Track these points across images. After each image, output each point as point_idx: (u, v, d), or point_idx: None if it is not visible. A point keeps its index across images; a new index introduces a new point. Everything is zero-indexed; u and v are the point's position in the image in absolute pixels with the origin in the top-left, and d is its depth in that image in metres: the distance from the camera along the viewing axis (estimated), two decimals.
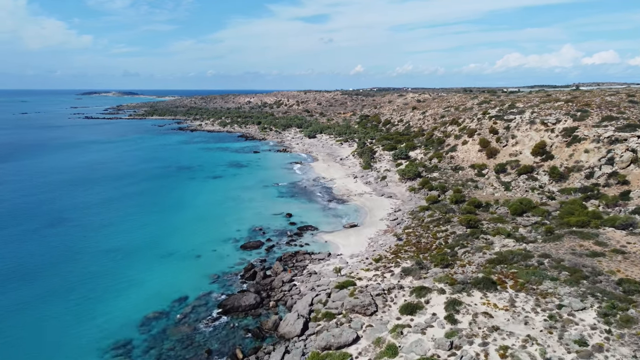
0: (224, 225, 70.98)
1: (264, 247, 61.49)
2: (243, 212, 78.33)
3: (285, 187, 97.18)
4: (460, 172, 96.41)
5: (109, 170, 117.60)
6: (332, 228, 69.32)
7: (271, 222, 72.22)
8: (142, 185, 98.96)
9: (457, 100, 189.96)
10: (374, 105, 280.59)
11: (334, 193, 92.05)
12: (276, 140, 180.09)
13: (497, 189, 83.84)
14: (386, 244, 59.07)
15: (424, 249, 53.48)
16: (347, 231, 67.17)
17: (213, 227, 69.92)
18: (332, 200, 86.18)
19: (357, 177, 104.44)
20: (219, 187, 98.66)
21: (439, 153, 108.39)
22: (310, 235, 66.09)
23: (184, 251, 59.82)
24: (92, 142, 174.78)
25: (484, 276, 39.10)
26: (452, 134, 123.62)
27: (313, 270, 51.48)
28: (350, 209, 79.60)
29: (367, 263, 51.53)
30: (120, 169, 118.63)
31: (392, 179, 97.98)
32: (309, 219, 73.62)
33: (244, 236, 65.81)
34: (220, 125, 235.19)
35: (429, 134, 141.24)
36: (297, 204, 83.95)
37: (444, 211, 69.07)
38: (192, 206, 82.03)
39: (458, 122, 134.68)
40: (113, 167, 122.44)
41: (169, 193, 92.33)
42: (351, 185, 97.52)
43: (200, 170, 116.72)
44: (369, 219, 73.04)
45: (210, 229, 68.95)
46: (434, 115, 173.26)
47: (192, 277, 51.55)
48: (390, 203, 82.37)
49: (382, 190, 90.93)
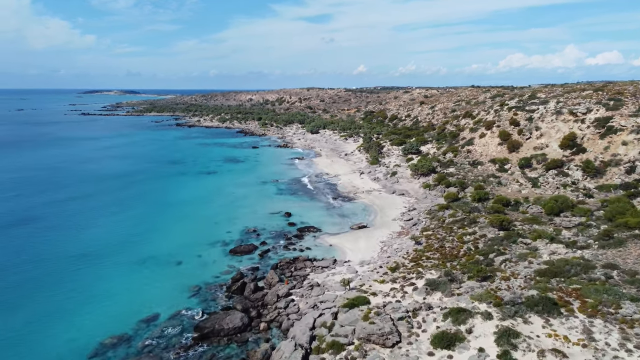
0: (213, 225, 61.69)
1: (257, 252, 52.06)
2: (236, 211, 69.01)
3: (284, 184, 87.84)
4: (479, 167, 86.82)
5: (92, 165, 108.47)
6: (338, 229, 59.89)
7: (267, 223, 62.88)
8: (125, 182, 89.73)
9: (468, 94, 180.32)
10: (379, 102, 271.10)
11: (339, 190, 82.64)
12: (277, 135, 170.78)
13: (523, 186, 74.26)
14: (402, 248, 49.59)
15: (450, 255, 43.96)
16: (355, 233, 57.72)
17: (200, 227, 60.63)
18: (337, 197, 76.77)
19: (363, 173, 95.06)
20: (211, 183, 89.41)
21: (454, 147, 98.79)
22: (312, 238, 56.67)
23: (163, 256, 50.51)
24: (81, 138, 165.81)
25: (540, 294, 29.59)
26: (467, 127, 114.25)
27: (315, 282, 42.04)
28: (357, 208, 70.16)
29: (382, 273, 42.08)
30: (104, 165, 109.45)
31: (403, 175, 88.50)
32: (310, 219, 64.24)
33: (234, 239, 56.43)
34: (219, 121, 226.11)
35: (441, 127, 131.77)
36: (298, 202, 74.60)
37: (467, 210, 59.56)
38: (178, 204, 72.76)
39: (472, 114, 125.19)
40: (96, 162, 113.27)
41: (155, 190, 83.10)
42: (358, 182, 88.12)
43: (193, 166, 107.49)
44: (379, 219, 63.59)
45: (196, 230, 59.67)
46: (443, 110, 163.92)
47: (168, 289, 42.22)
48: (402, 201, 72.91)
49: (393, 187, 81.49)
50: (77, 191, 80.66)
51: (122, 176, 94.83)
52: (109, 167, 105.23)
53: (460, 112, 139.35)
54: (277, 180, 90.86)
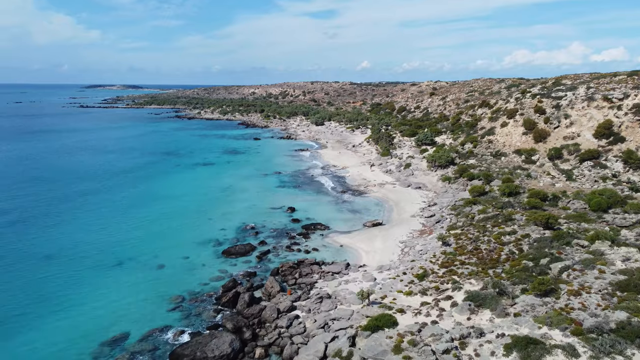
0: (206, 222, 53.89)
1: (254, 253, 44.15)
2: (233, 205, 61.17)
3: (288, 176, 79.89)
4: (502, 158, 78.53)
5: (79, 157, 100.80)
6: (349, 227, 51.92)
7: (268, 219, 55.00)
8: (110, 174, 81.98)
9: (481, 84, 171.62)
10: (385, 95, 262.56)
11: (348, 183, 74.65)
12: (280, 127, 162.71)
13: (556, 179, 66.05)
14: (428, 250, 41.60)
15: (489, 260, 35.92)
16: (369, 231, 49.74)
17: (191, 224, 52.84)
18: (346, 191, 68.80)
19: (374, 165, 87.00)
20: (206, 175, 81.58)
21: (473, 137, 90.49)
22: (320, 237, 48.74)
23: (144, 258, 42.73)
24: (72, 130, 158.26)
25: (633, 317, 21.55)
26: (484, 117, 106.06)
27: (325, 292, 34.12)
28: (369, 203, 62.18)
29: (407, 281, 34.12)
30: (93, 156, 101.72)
31: (418, 167, 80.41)
32: (317, 215, 56.31)
33: (229, 237, 48.57)
34: (220, 114, 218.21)
35: (455, 118, 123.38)
36: (303, 195, 66.69)
37: (499, 206, 51.42)
38: (168, 198, 64.99)
39: (489, 104, 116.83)
40: (85, 153, 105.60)
41: (145, 182, 75.34)
42: (368, 174, 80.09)
43: (189, 157, 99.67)
44: (396, 215, 55.61)
45: (186, 227, 51.88)
46: (456, 100, 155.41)
47: (144, 300, 34.43)
48: (420, 195, 64.86)
49: (408, 180, 73.42)
50: (52, 185, 72.99)
51: (106, 169, 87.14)
52: (92, 159, 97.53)
53: (474, 102, 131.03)
54: (280, 172, 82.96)
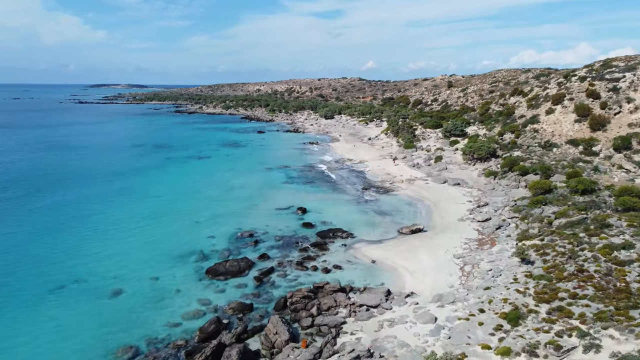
0: (192, 227, 41.29)
1: (252, 272, 31.37)
2: (228, 205, 48.54)
3: (296, 171, 67.18)
4: (554, 149, 65.32)
5: (49, 152, 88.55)
6: (380, 234, 39.02)
7: (272, 223, 42.29)
8: (86, 169, 69.66)
9: (505, 74, 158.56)
10: (397, 89, 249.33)
11: (369, 179, 61.83)
12: (286, 121, 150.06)
13: (632, 173, 52.88)
14: (500, 269, 28.68)
15: (615, 290, 22.95)
16: (408, 241, 36.83)
17: (171, 230, 40.27)
18: (368, 188, 55.94)
19: (397, 158, 74.10)
20: (200, 169, 69.11)
21: (513, 126, 77.27)
22: (342, 248, 35.91)
23: (97, 280, 30.18)
24: (59, 124, 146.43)
25: None
26: (519, 105, 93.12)
27: (362, 345, 21.25)
28: (400, 202, 49.27)
29: (492, 326, 21.24)
30: (66, 151, 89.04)
31: (452, 160, 67.47)
32: (335, 218, 43.51)
33: (218, 248, 35.87)
34: (222, 108, 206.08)
35: (483, 107, 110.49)
36: (315, 193, 53.93)
37: (581, 207, 38.32)
38: (150, 196, 52.50)
39: (523, 91, 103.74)
40: (59, 148, 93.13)
41: (123, 178, 62.90)
42: (391, 169, 67.22)
43: (182, 150, 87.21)
44: (438, 219, 42.68)
45: (164, 234, 39.30)
46: (478, 92, 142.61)
47: (75, 354, 21.85)
48: (461, 193, 51.91)
49: (442, 175, 60.46)
50: (11, 183, 60.91)
51: (80, 164, 74.81)
52: (64, 154, 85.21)
53: (505, 90, 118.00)
54: (287, 166, 70.24)
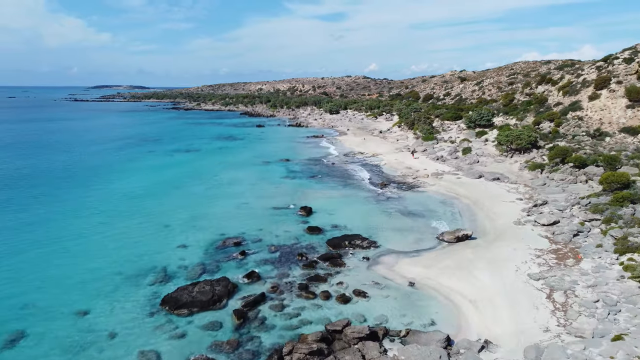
0: (160, 232, 30.86)
1: (232, 300, 20.75)
2: (212, 203, 38.13)
3: (299, 164, 56.78)
4: (607, 139, 54.68)
5: (21, 145, 78.62)
6: (413, 243, 28.41)
7: (266, 226, 31.80)
8: (51, 163, 59.56)
9: (524, 66, 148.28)
10: (404, 86, 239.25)
11: (387, 173, 51.34)
12: (288, 117, 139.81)
13: None
14: (616, 300, 18.22)
15: None
16: (453, 251, 26.29)
17: (131, 238, 29.84)
18: (387, 184, 45.40)
19: (416, 151, 63.64)
20: (185, 163, 58.80)
21: (551, 114, 66.63)
22: (362, 263, 25.35)
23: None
24: (42, 120, 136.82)
25: None
26: (550, 94, 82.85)
27: None
28: (430, 200, 38.73)
29: None
30: (35, 143, 79.22)
31: (482, 152, 56.98)
32: (350, 220, 32.98)
33: (190, 263, 25.39)
34: (221, 105, 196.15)
35: (507, 98, 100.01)
36: (323, 189, 43.44)
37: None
38: (115, 193, 42.16)
39: (552, 79, 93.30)
40: (30, 141, 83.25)
41: (88, 172, 52.68)
42: (412, 162, 56.77)
43: (170, 143, 76.90)
44: (486, 221, 32.14)
45: (120, 243, 28.88)
46: (496, 84, 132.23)
47: None
48: (504, 189, 41.37)
49: (474, 169, 49.95)
50: None
51: (48, 159, 64.76)
52: (34, 149, 75.26)
53: (531, 80, 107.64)
54: (288, 159, 59.83)
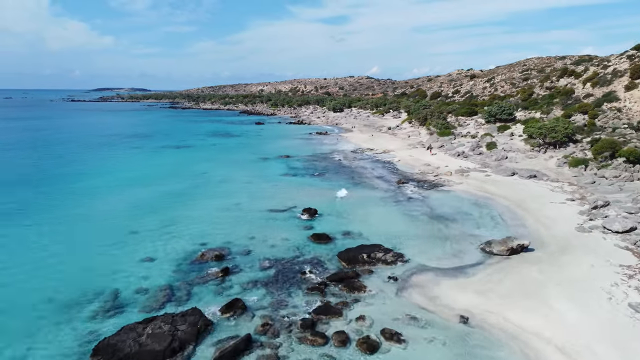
0: (124, 239, 24.03)
1: (202, 347, 13.95)
2: (194, 204, 31.33)
3: (301, 161, 49.98)
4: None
5: None
6: (452, 256, 21.48)
7: (259, 234, 24.97)
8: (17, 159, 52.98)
9: (537, 62, 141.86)
10: (409, 86, 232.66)
11: (403, 170, 44.51)
12: (289, 115, 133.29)
13: None
14: None
15: None
16: (510, 268, 19.46)
17: (82, 249, 23.02)
18: (405, 182, 38.57)
19: (432, 147, 56.86)
20: (173, 159, 52.13)
21: (584, 105, 59.75)
22: (389, 286, 18.46)
23: None
24: (37, 117, 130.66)
25: None
26: (574, 86, 76.24)
27: None
28: (460, 201, 31.85)
29: None
30: (15, 141, 72.80)
31: (510, 147, 50.16)
32: (365, 225, 26.13)
33: (151, 285, 18.51)
34: (221, 104, 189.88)
35: (526, 92, 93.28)
36: (328, 187, 36.58)
37: None
38: (83, 192, 35.45)
39: (575, 71, 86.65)
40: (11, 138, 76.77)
41: (60, 168, 46.11)
42: (429, 158, 49.98)
43: (160, 140, 70.29)
44: (541, 228, 25.30)
45: (66, 257, 22.06)
46: (509, 80, 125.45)
47: None
48: (546, 188, 34.54)
49: (504, 165, 43.15)
50: None
51: (16, 153, 58.24)
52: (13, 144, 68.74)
53: (552, 73, 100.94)
54: (289, 156, 53.06)
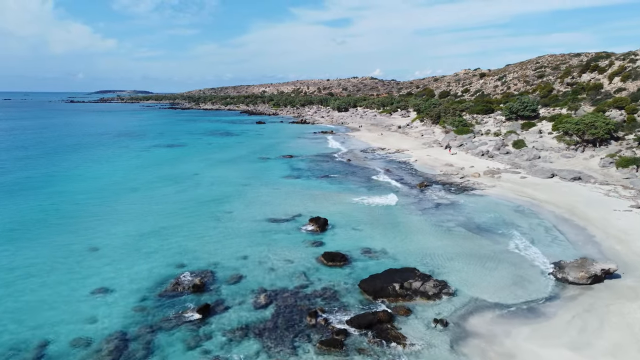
0: (78, 261, 18.52)
1: None
2: (179, 213, 25.80)
3: (305, 161, 44.48)
4: None
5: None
6: (513, 285, 15.86)
7: (253, 253, 19.40)
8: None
9: (551, 60, 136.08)
10: (414, 86, 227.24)
11: (422, 171, 38.90)
12: (292, 115, 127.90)
13: None
14: None
15: None
16: (604, 306, 13.92)
17: (20, 276, 17.52)
18: (428, 184, 32.91)
19: (450, 146, 51.25)
20: (162, 159, 46.66)
21: (620, 100, 54.01)
22: (436, 335, 12.83)
23: None
24: (26, 118, 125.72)
25: None
26: (598, 81, 70.74)
27: None
28: (500, 208, 26.20)
29: None
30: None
31: (542, 146, 44.53)
32: (388, 240, 20.54)
33: (97, 336, 12.81)
34: (222, 104, 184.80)
35: (545, 89, 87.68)
36: (338, 192, 30.96)
37: None
38: (41, 201, 30.08)
39: (599, 66, 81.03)
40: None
41: (29, 168, 40.73)
42: (449, 158, 44.38)
43: (153, 139, 64.91)
44: (616, 245, 19.67)
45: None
46: (521, 78, 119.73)
47: None
48: (599, 192, 28.98)
49: (539, 166, 37.50)
50: None
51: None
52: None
53: (572, 69, 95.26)
54: (291, 155, 47.58)
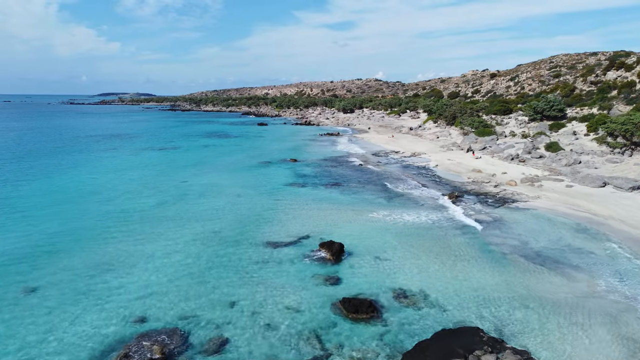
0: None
1: None
2: (155, 234, 20.65)
3: (312, 166, 39.25)
4: None
5: None
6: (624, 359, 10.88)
7: (246, 296, 14.14)
8: None
9: (566, 59, 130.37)
10: (421, 87, 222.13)
11: (446, 178, 33.59)
12: (295, 116, 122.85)
13: None
14: None
15: None
16: None
17: None
18: (459, 195, 27.65)
19: (472, 149, 45.97)
20: (150, 163, 41.51)
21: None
22: None
23: None
24: (16, 119, 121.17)
25: None
26: (625, 79, 65.60)
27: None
28: (557, 227, 20.93)
29: None
30: None
31: (582, 149, 39.24)
32: (429, 280, 15.32)
33: None
34: (223, 106, 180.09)
35: (567, 88, 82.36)
36: (352, 204, 25.73)
37: None
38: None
39: (626, 64, 75.71)
40: None
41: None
42: (474, 163, 39.10)
43: (146, 141, 59.85)
44: None
45: None
46: (535, 78, 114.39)
47: None
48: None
49: (582, 172, 32.21)
50: None
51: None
52: None
53: (597, 68, 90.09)
54: (296, 159, 42.41)
